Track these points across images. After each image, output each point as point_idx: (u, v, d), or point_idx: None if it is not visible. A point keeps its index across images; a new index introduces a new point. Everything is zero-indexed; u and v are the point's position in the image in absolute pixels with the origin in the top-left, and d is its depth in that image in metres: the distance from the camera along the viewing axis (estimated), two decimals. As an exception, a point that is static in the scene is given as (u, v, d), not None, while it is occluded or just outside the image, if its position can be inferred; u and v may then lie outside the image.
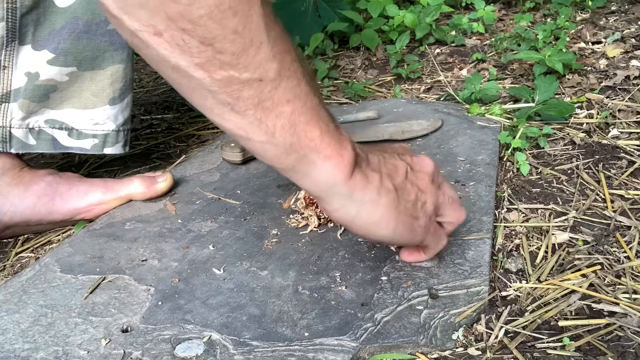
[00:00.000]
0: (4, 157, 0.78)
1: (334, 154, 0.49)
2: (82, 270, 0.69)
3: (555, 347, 0.55)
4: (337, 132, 0.50)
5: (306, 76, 0.46)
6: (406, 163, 0.55)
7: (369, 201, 0.51)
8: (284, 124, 0.46)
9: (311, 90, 0.46)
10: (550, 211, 0.76)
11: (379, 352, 0.55)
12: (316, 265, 0.66)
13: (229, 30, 0.41)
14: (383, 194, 0.52)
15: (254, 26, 0.42)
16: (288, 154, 0.48)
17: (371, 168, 0.52)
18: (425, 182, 0.56)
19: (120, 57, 0.80)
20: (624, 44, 1.26)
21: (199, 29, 0.41)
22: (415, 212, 0.55)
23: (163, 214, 0.80)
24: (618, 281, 0.63)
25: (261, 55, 0.43)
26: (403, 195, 0.54)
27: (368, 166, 0.52)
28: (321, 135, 0.48)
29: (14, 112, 0.76)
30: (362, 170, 0.51)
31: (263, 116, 0.45)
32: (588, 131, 0.95)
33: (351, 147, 0.50)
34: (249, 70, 0.43)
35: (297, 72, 0.46)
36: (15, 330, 0.60)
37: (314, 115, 0.47)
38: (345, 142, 0.50)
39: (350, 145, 0.50)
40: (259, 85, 0.44)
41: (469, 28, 1.42)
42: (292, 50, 0.45)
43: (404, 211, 0.54)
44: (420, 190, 0.55)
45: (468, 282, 0.61)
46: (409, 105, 1.07)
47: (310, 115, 0.47)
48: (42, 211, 0.79)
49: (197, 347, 0.56)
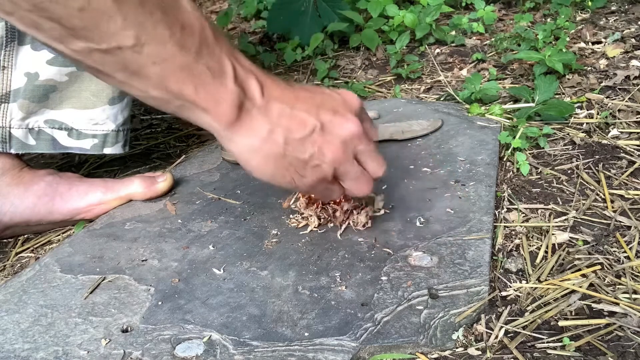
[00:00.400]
0: (4, 157, 0.78)
1: (209, 107, 0.51)
2: (82, 270, 0.69)
3: (555, 347, 0.55)
4: (217, 84, 0.51)
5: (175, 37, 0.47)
6: (319, 122, 0.56)
7: (250, 147, 0.54)
8: (155, 83, 0.48)
9: (181, 50, 0.48)
10: (550, 211, 0.76)
11: (379, 352, 0.55)
12: (316, 265, 0.66)
13: (74, 9, 0.43)
14: (267, 144, 0.54)
15: (100, 3, 0.44)
16: (167, 103, 0.51)
17: (264, 118, 0.54)
18: (332, 146, 0.57)
19: None
20: (624, 44, 1.26)
21: (43, 12, 0.43)
22: (303, 170, 0.57)
23: (163, 214, 0.80)
24: (618, 281, 0.63)
25: (115, 26, 0.45)
26: (294, 151, 0.55)
27: (261, 115, 0.54)
28: (195, 91, 0.50)
29: (14, 112, 0.76)
30: (250, 118, 0.53)
31: (133, 77, 0.48)
32: (588, 131, 0.95)
33: (231, 98, 0.51)
34: (105, 41, 0.45)
35: (161, 36, 0.47)
36: (15, 330, 0.60)
37: (185, 73, 0.49)
38: (224, 95, 0.51)
39: (231, 96, 0.51)
40: (120, 52, 0.46)
41: (469, 28, 1.42)
42: (154, 16, 0.46)
43: (287, 165, 0.56)
44: (320, 152, 0.56)
45: (468, 282, 0.61)
46: (409, 105, 1.07)
47: (180, 74, 0.49)
48: (42, 211, 0.79)
49: (197, 347, 0.56)
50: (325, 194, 0.63)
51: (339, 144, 0.57)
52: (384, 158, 0.63)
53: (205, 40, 0.50)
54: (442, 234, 0.69)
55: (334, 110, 0.58)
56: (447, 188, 0.79)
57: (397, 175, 0.83)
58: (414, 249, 0.67)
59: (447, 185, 0.79)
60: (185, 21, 0.48)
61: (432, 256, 0.66)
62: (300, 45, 1.38)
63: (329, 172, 0.58)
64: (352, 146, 0.59)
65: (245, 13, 1.78)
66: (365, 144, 0.60)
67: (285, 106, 0.55)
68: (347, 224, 0.72)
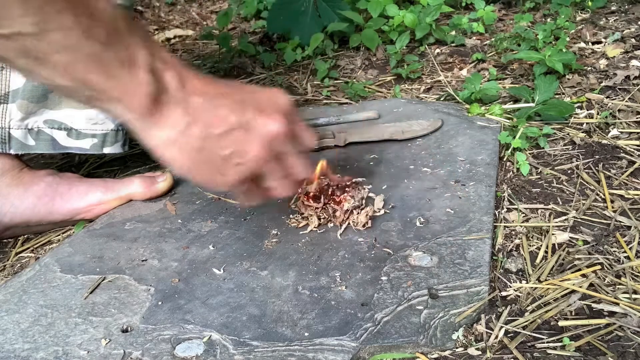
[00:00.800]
0: (4, 158, 0.78)
1: (121, 96, 0.50)
2: (82, 270, 0.69)
3: (555, 347, 0.55)
4: (128, 74, 0.49)
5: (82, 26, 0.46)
6: (242, 119, 0.55)
7: (165, 140, 0.53)
8: (62, 72, 0.47)
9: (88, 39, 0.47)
10: (550, 211, 0.76)
11: (379, 352, 0.55)
12: (316, 265, 0.66)
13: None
14: (183, 137, 0.53)
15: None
16: (76, 92, 0.50)
17: (182, 110, 0.52)
18: (254, 145, 0.55)
19: None
20: (624, 44, 1.26)
21: None
22: (223, 168, 0.55)
23: (163, 214, 0.80)
24: (618, 281, 0.63)
25: (14, 12, 0.44)
26: (213, 147, 0.54)
27: (180, 108, 0.52)
28: (105, 80, 0.48)
29: (13, 112, 0.76)
30: (168, 110, 0.52)
31: (36, 65, 0.47)
32: (588, 131, 0.95)
33: (145, 89, 0.50)
34: (5, 26, 0.44)
35: (65, 25, 0.45)
36: (15, 330, 0.60)
37: (93, 63, 0.48)
38: (136, 85, 0.50)
39: (145, 86, 0.50)
40: (21, 38, 0.45)
41: (469, 28, 1.42)
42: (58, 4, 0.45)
43: (206, 161, 0.55)
44: (242, 151, 0.55)
45: (468, 282, 0.61)
46: (409, 105, 1.07)
47: (87, 63, 0.47)
48: (42, 212, 0.79)
49: (197, 347, 0.56)
50: (247, 196, 0.62)
51: (262, 143, 0.56)
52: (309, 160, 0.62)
53: (116, 31, 0.48)
54: (442, 234, 0.69)
55: (259, 108, 0.56)
56: (447, 188, 0.79)
57: (397, 175, 0.83)
58: (414, 249, 0.67)
59: (447, 185, 0.79)
60: (94, 11, 0.47)
61: (432, 256, 0.66)
62: (300, 45, 1.38)
63: (250, 171, 0.57)
64: (276, 146, 0.57)
65: (245, 13, 1.78)
66: (290, 145, 0.59)
67: (206, 100, 0.54)
68: (347, 224, 0.72)
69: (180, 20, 1.95)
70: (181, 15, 2.01)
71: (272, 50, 1.48)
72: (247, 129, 0.55)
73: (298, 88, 1.25)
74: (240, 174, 0.57)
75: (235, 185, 0.58)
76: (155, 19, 1.96)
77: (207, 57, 1.50)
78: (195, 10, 2.04)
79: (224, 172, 0.56)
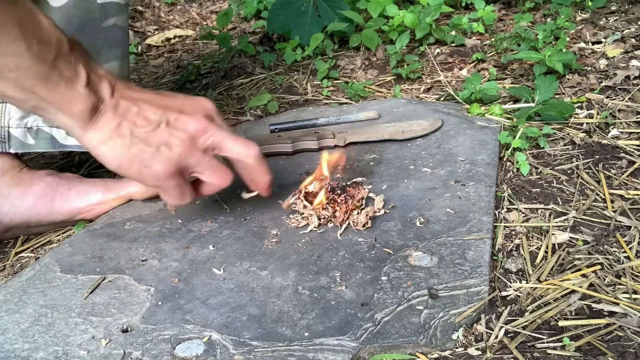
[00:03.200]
0: (3, 157, 0.78)
1: (62, 107, 0.57)
2: (82, 270, 0.69)
3: (555, 347, 0.55)
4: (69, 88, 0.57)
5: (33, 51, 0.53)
6: (165, 119, 0.62)
7: (99, 139, 0.60)
8: (13, 85, 0.54)
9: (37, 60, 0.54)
10: (550, 211, 0.76)
11: (379, 352, 0.55)
12: (316, 265, 0.66)
13: None
14: (114, 135, 0.60)
15: None
16: (24, 103, 0.57)
17: (112, 114, 0.60)
18: (178, 140, 0.62)
19: (116, 54, 0.80)
20: (624, 44, 1.26)
21: None
22: (150, 162, 0.61)
23: (163, 214, 0.80)
24: (618, 281, 0.63)
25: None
26: (140, 143, 0.61)
27: (111, 112, 0.60)
28: (49, 93, 0.56)
29: (12, 111, 0.76)
30: (103, 117, 0.60)
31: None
32: (588, 131, 0.95)
33: (82, 100, 0.57)
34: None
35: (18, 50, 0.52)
36: (15, 330, 0.60)
37: (42, 79, 0.55)
38: (76, 97, 0.57)
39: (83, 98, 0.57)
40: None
41: (469, 28, 1.42)
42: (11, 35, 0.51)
43: (134, 157, 0.61)
44: (166, 146, 0.61)
45: (468, 282, 0.61)
46: (409, 105, 1.07)
47: (37, 80, 0.55)
48: (42, 212, 0.79)
49: (197, 347, 0.56)
50: (177, 192, 0.65)
51: (186, 137, 0.62)
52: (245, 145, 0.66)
53: (60, 52, 0.55)
54: (442, 234, 0.69)
55: (182, 110, 0.63)
56: (447, 188, 0.79)
57: (397, 175, 0.83)
58: (414, 249, 0.67)
59: (447, 185, 0.79)
60: (43, 35, 0.54)
61: (432, 256, 0.66)
62: (300, 45, 1.38)
63: (175, 163, 0.62)
64: (201, 140, 0.63)
65: (245, 13, 1.78)
66: (216, 137, 0.64)
67: (132, 105, 0.61)
68: (347, 224, 0.72)
69: (180, 20, 1.95)
70: (181, 15, 2.01)
71: (272, 50, 1.48)
72: (171, 126, 0.62)
73: (298, 88, 1.25)
74: (166, 167, 0.62)
75: (163, 178, 0.63)
76: (155, 19, 1.96)
77: (207, 57, 1.50)
78: (195, 10, 2.04)
79: (151, 165, 0.61)
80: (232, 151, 0.65)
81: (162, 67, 1.53)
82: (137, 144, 0.60)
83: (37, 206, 0.79)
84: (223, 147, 0.65)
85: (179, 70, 1.47)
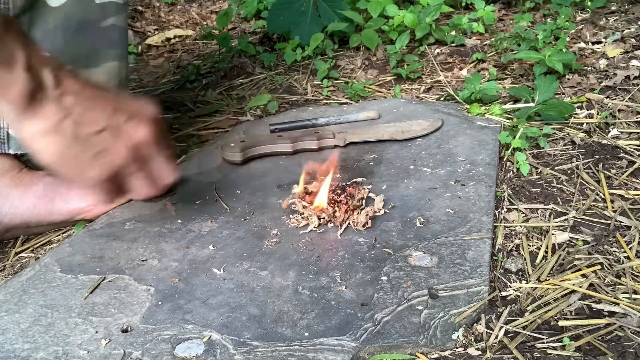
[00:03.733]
0: (3, 158, 0.78)
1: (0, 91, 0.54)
2: (82, 270, 0.69)
3: (555, 347, 0.55)
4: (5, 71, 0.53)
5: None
6: (112, 123, 0.60)
7: (36, 132, 0.57)
8: None
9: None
10: (550, 211, 0.76)
11: (379, 352, 0.55)
12: (316, 265, 0.66)
13: None
14: (53, 131, 0.57)
15: None
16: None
17: (56, 107, 0.56)
18: (120, 147, 0.60)
19: (115, 54, 0.80)
20: (624, 44, 1.26)
21: None
22: (89, 165, 0.60)
23: (163, 214, 0.80)
24: (618, 281, 0.63)
25: None
26: (81, 144, 0.58)
27: (54, 105, 0.56)
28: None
29: (12, 112, 0.76)
30: (42, 106, 0.56)
31: None
32: (588, 131, 0.95)
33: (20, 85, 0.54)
34: None
35: None
36: (15, 330, 0.60)
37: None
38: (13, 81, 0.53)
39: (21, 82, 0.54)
40: None
41: (469, 28, 1.42)
42: None
43: (73, 157, 0.58)
44: (108, 152, 0.60)
45: (468, 282, 0.61)
46: (409, 105, 1.07)
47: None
48: (42, 212, 0.79)
49: (197, 347, 0.56)
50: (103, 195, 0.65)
51: (128, 146, 0.61)
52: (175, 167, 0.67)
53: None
54: (442, 234, 0.69)
55: (129, 114, 0.61)
56: (447, 188, 0.79)
57: (397, 175, 0.83)
58: (414, 249, 0.67)
59: (447, 185, 0.79)
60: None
61: (432, 256, 0.66)
62: (300, 45, 1.38)
63: (113, 171, 0.61)
64: (142, 151, 0.62)
65: (245, 13, 1.78)
66: (156, 150, 0.63)
67: (80, 101, 0.58)
68: (347, 224, 0.72)
69: (180, 20, 1.95)
70: (181, 15, 2.01)
71: (272, 50, 1.48)
72: (116, 131, 0.60)
73: (298, 88, 1.25)
74: (104, 172, 0.61)
75: (98, 182, 0.62)
76: (155, 19, 1.96)
77: (207, 57, 1.50)
78: (195, 10, 2.04)
79: (89, 168, 0.60)
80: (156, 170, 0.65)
81: (162, 67, 1.53)
82: (77, 145, 0.58)
83: (37, 206, 0.79)
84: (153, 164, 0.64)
85: (179, 70, 1.47)
